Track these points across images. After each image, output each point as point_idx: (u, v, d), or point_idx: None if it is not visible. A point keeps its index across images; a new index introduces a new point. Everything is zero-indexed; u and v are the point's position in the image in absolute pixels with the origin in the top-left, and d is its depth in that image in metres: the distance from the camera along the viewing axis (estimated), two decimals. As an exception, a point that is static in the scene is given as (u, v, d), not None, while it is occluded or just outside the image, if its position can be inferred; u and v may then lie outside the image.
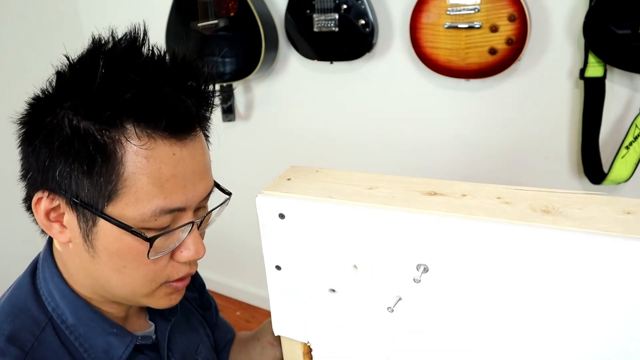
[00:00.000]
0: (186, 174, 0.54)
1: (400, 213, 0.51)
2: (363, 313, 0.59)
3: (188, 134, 0.54)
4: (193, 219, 0.58)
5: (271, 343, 0.80)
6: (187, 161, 0.54)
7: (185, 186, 0.54)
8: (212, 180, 0.60)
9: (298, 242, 0.58)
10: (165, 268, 0.59)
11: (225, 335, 0.90)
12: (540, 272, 0.47)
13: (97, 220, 0.54)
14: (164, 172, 0.52)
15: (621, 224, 0.45)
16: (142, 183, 0.52)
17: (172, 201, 0.54)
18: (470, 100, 1.55)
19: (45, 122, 0.52)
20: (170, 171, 0.53)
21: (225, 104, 1.90)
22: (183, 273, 0.60)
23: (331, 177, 0.59)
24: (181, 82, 0.54)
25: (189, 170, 0.55)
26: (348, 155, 1.82)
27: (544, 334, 0.49)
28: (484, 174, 1.60)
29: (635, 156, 1.28)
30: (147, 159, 0.52)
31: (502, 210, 0.49)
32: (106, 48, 0.53)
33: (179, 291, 0.62)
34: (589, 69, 1.31)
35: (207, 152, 0.59)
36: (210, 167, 0.60)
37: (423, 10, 1.41)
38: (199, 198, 0.57)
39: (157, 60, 0.54)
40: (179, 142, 0.53)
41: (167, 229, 0.55)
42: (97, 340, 0.60)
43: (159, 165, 0.52)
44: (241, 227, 2.20)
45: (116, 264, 0.56)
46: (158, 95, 0.51)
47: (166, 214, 0.54)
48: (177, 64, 0.55)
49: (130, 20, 0.59)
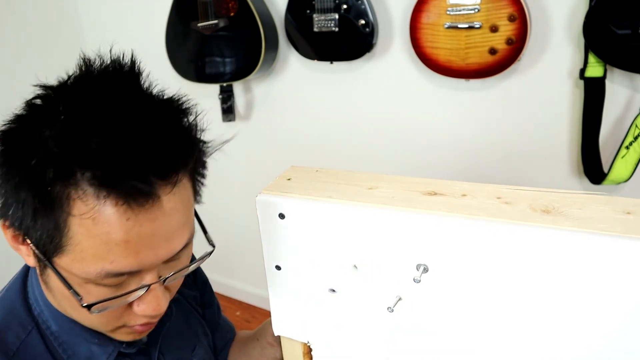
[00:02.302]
0: (142, 240, 0.48)
1: (400, 213, 0.51)
2: (363, 313, 0.59)
3: (147, 200, 0.47)
4: (155, 278, 0.52)
5: (271, 344, 0.80)
6: (145, 227, 0.48)
7: (139, 251, 0.49)
8: (185, 237, 0.54)
9: (298, 242, 0.58)
10: (121, 316, 0.55)
11: (226, 335, 0.89)
12: (540, 271, 0.47)
13: (47, 265, 0.51)
14: (113, 237, 0.47)
15: (621, 224, 0.45)
16: (88, 245, 0.48)
17: (122, 266, 0.49)
18: (470, 100, 1.55)
19: (10, 154, 0.48)
20: (121, 237, 0.47)
21: (225, 104, 1.90)
22: (141, 321, 0.56)
23: (331, 177, 0.59)
24: (155, 136, 0.47)
25: (146, 235, 0.49)
26: (348, 155, 1.82)
27: (544, 333, 0.49)
28: (484, 174, 1.60)
29: (635, 156, 1.28)
30: (95, 222, 0.46)
31: (502, 210, 0.49)
32: (78, 80, 0.49)
33: (141, 332, 0.59)
34: (589, 69, 1.31)
35: (181, 210, 0.52)
36: (187, 222, 0.54)
37: (423, 10, 1.41)
38: (159, 261, 0.51)
39: (129, 108, 0.48)
40: (135, 208, 0.47)
41: (119, 289, 0.51)
42: (79, 348, 0.60)
43: (108, 230, 0.47)
44: (241, 227, 2.20)
45: (70, 304, 0.54)
46: (118, 153, 0.45)
47: (115, 277, 0.50)
48: (156, 107, 0.50)
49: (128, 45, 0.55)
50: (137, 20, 2.09)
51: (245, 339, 0.89)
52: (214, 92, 1.92)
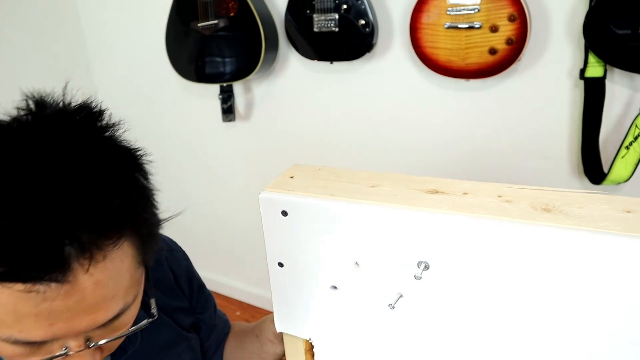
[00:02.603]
0: (55, 313, 0.43)
1: (401, 211, 0.51)
2: (364, 310, 0.59)
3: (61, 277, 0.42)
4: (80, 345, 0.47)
5: (271, 340, 0.80)
6: (59, 300, 0.43)
7: (53, 324, 0.44)
8: (112, 310, 0.47)
9: (300, 240, 0.58)
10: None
11: (221, 332, 0.88)
12: (541, 270, 0.47)
13: None
14: (20, 309, 0.42)
15: (621, 223, 0.45)
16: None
17: (32, 336, 0.44)
18: (470, 100, 1.55)
19: None
20: (29, 310, 0.42)
21: (225, 104, 1.90)
22: None
23: (333, 175, 0.59)
24: (93, 194, 0.42)
25: (60, 308, 0.43)
26: (348, 156, 1.83)
27: (544, 331, 0.50)
28: (484, 173, 1.61)
29: (635, 156, 1.29)
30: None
31: (503, 209, 0.49)
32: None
33: None
34: (589, 69, 1.32)
35: (109, 283, 0.46)
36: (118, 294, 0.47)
37: (423, 10, 1.41)
38: (78, 332, 0.46)
39: (48, 159, 0.42)
40: (46, 284, 0.42)
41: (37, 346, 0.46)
42: None
43: (14, 301, 0.42)
44: (241, 227, 2.20)
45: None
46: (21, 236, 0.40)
47: (28, 344, 0.45)
48: (82, 160, 0.43)
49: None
50: (137, 20, 2.09)
51: (242, 332, 0.88)
52: (214, 92, 1.93)
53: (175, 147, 2.23)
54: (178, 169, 2.27)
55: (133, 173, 0.47)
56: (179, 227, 2.73)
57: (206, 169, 2.20)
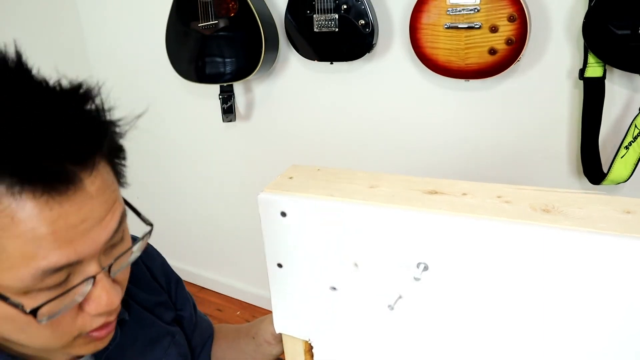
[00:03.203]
0: (72, 227, 0.45)
1: (400, 211, 0.51)
2: (364, 311, 0.59)
3: (68, 185, 0.45)
4: (98, 268, 0.49)
5: (268, 342, 0.79)
6: (72, 214, 0.45)
7: (72, 240, 0.46)
8: (117, 216, 0.50)
9: (299, 240, 0.58)
10: (74, 322, 0.51)
11: (204, 333, 0.87)
12: (540, 270, 0.47)
13: None
14: (39, 232, 0.44)
15: (621, 223, 0.45)
16: (13, 247, 0.44)
17: (57, 259, 0.45)
18: (470, 100, 1.55)
19: None
20: (47, 229, 0.44)
21: (225, 104, 1.90)
22: (98, 324, 0.52)
23: (332, 175, 0.59)
24: (60, 119, 0.45)
25: (75, 222, 0.46)
26: (348, 156, 1.83)
27: (544, 331, 0.50)
28: (484, 173, 1.61)
29: (634, 156, 1.29)
30: (15, 222, 0.43)
31: (503, 209, 0.49)
32: None
33: (102, 339, 0.55)
34: (588, 69, 1.32)
35: (107, 192, 0.49)
36: (115, 201, 0.51)
37: (423, 10, 1.41)
38: (97, 246, 0.48)
39: (26, 93, 0.45)
40: (57, 196, 0.44)
41: (63, 286, 0.48)
42: None
43: (31, 226, 0.43)
44: (241, 227, 2.20)
45: (12, 327, 0.49)
46: (20, 145, 0.42)
47: (54, 273, 0.46)
48: (54, 96, 0.47)
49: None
50: (137, 20, 2.09)
51: (234, 333, 0.87)
52: (214, 92, 1.93)
53: (175, 147, 2.23)
54: (178, 168, 2.27)
55: (88, 101, 0.49)
56: (179, 227, 2.73)
57: (206, 169, 2.20)
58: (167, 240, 2.43)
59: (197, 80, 1.83)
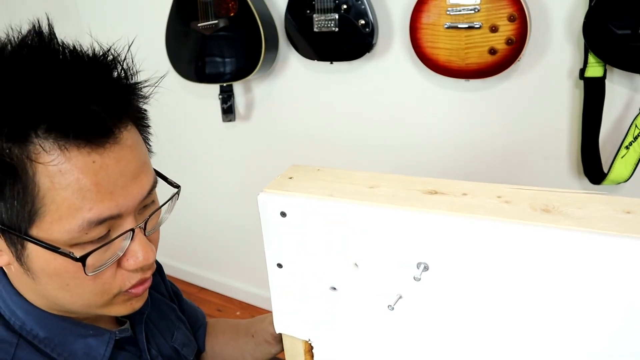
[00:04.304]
0: (112, 179, 0.50)
1: (400, 212, 0.51)
2: (364, 311, 0.59)
3: (107, 138, 0.49)
4: (135, 224, 0.54)
5: (267, 341, 0.80)
6: (112, 166, 0.50)
7: (113, 192, 0.50)
8: (151, 176, 0.56)
9: (299, 240, 0.58)
10: (114, 278, 0.55)
11: (197, 321, 0.89)
12: (540, 270, 0.47)
13: (25, 243, 0.50)
14: (84, 183, 0.48)
15: (621, 223, 0.45)
16: (61, 198, 0.48)
17: (100, 211, 0.49)
18: (470, 100, 1.55)
19: None
20: (91, 180, 0.48)
21: (225, 104, 1.90)
22: (135, 280, 0.57)
23: (332, 175, 0.59)
24: (93, 82, 0.50)
25: (114, 174, 0.50)
26: (348, 155, 1.82)
27: (544, 332, 0.50)
28: (484, 173, 1.61)
29: (635, 156, 1.29)
30: (62, 173, 0.47)
31: (502, 209, 0.49)
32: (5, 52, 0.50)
33: (138, 296, 0.59)
34: (588, 69, 1.32)
35: (139, 149, 0.54)
36: (147, 162, 0.56)
37: (423, 10, 1.41)
38: (134, 200, 0.53)
39: (62, 60, 0.50)
40: (98, 148, 0.49)
41: (105, 239, 0.52)
42: (75, 346, 0.58)
43: (77, 177, 0.48)
44: (241, 227, 2.20)
45: (58, 283, 0.53)
46: (63, 101, 0.47)
47: (97, 225, 0.50)
48: (85, 62, 0.52)
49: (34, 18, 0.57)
50: (137, 20, 2.09)
51: (233, 330, 0.88)
52: (214, 92, 1.93)
53: (175, 147, 2.23)
54: (178, 168, 2.27)
55: (115, 65, 0.56)
56: (179, 227, 2.73)
57: (206, 168, 2.20)
58: (167, 240, 2.43)
59: (197, 80, 1.83)
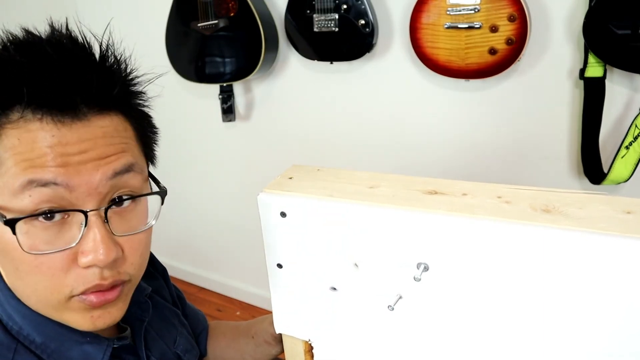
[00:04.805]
0: (69, 154, 0.49)
1: (401, 212, 0.51)
2: (364, 311, 0.59)
3: (71, 115, 0.49)
4: (93, 206, 0.50)
5: (267, 342, 0.80)
6: (72, 143, 0.49)
7: (66, 165, 0.49)
8: (124, 159, 0.53)
9: (299, 241, 0.58)
10: (67, 274, 0.51)
11: (199, 324, 0.88)
12: (540, 270, 0.47)
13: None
14: (37, 151, 0.48)
15: (621, 223, 0.45)
16: (11, 163, 0.48)
17: (44, 173, 0.48)
18: (470, 100, 1.55)
19: None
20: (44, 150, 0.48)
21: (225, 104, 1.90)
22: (89, 284, 0.51)
23: (332, 176, 0.59)
24: (77, 63, 0.50)
25: (72, 151, 0.49)
26: (348, 155, 1.82)
27: (543, 332, 0.50)
28: (484, 173, 1.61)
29: (635, 156, 1.29)
30: (20, 140, 0.48)
31: (502, 210, 0.49)
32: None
33: (96, 308, 0.53)
34: (588, 69, 1.32)
35: (119, 139, 0.53)
36: (129, 154, 0.54)
37: (423, 10, 1.41)
38: (92, 179, 0.50)
39: (53, 41, 0.51)
40: (61, 125, 0.49)
41: (51, 217, 0.49)
42: (71, 353, 0.57)
43: (32, 146, 0.48)
44: (241, 227, 2.20)
45: (11, 267, 0.51)
46: (40, 78, 0.48)
47: (40, 187, 0.48)
48: (77, 44, 0.52)
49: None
50: (137, 20, 2.09)
51: (234, 332, 0.88)
52: (214, 92, 1.93)
53: (175, 147, 2.23)
54: (178, 168, 2.27)
55: (111, 55, 0.55)
56: (179, 227, 2.73)
57: (206, 168, 2.20)
58: (167, 240, 2.43)
59: (197, 80, 1.83)
